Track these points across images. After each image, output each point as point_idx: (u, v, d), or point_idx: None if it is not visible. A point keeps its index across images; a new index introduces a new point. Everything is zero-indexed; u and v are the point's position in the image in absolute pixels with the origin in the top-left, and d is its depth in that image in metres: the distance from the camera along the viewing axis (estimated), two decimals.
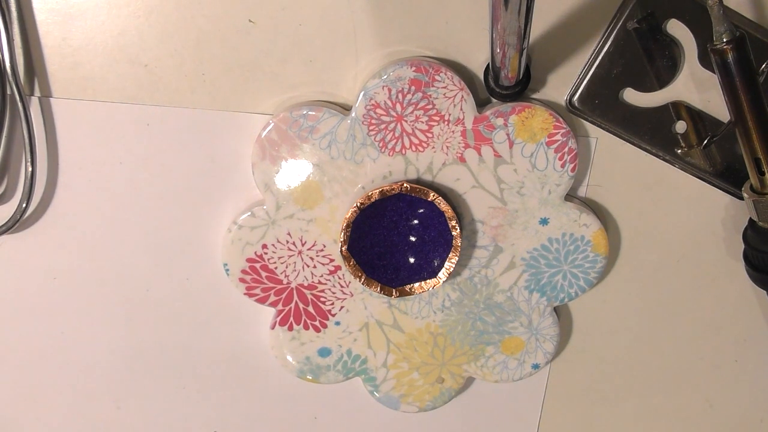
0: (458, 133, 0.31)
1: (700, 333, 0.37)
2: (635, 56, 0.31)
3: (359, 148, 0.31)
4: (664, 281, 0.36)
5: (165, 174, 0.33)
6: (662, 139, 0.33)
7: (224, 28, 0.30)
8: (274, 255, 0.33)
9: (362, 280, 0.33)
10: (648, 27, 0.31)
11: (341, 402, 0.38)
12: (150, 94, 0.31)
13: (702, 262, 0.36)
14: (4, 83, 0.30)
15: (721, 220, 0.35)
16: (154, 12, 0.30)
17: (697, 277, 0.36)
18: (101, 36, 0.30)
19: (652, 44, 0.31)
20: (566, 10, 0.31)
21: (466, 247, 0.33)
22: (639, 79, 0.32)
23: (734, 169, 0.33)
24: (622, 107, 0.32)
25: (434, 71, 0.30)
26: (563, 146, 0.31)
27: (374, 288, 0.33)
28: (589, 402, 0.39)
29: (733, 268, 0.36)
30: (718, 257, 0.36)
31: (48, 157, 0.32)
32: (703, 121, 0.32)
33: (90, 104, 0.31)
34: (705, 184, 0.34)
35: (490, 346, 0.36)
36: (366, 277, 0.33)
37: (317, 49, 0.31)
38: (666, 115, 0.32)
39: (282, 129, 0.31)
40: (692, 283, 0.36)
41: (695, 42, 0.31)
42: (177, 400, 0.38)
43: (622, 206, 0.34)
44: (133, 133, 0.32)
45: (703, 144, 0.32)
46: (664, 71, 0.32)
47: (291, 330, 0.35)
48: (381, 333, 0.35)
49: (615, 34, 0.31)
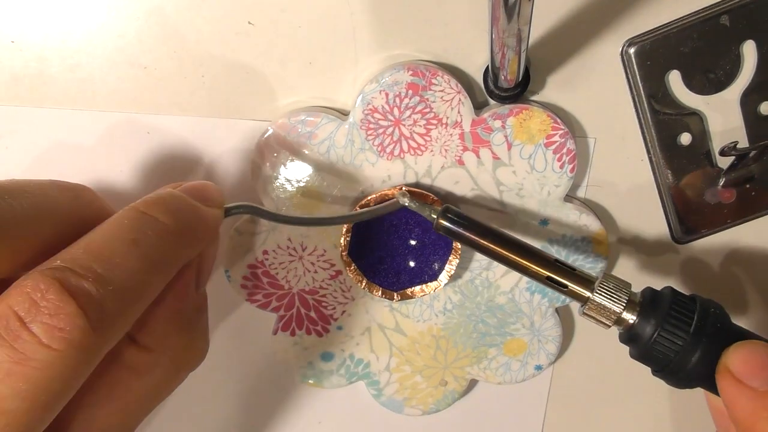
0: (456, 136, 0.31)
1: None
2: (710, 49, 0.31)
3: (358, 153, 0.31)
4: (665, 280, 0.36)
5: (166, 182, 0.33)
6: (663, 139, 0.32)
7: (223, 30, 0.30)
8: (275, 261, 0.33)
9: (363, 285, 0.33)
10: (736, 32, 0.31)
11: (345, 406, 0.38)
12: (149, 96, 0.31)
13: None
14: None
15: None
16: (154, 14, 0.30)
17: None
18: (100, 38, 0.30)
19: (725, 48, 0.31)
20: (566, 11, 0.31)
21: (466, 250, 0.33)
22: (693, 71, 0.31)
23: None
24: (660, 83, 0.31)
25: (431, 75, 0.30)
26: (561, 147, 0.31)
27: (376, 292, 0.33)
28: (593, 402, 0.39)
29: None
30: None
31: (49, 167, 0.32)
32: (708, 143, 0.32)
33: (90, 114, 0.32)
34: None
35: (492, 348, 0.36)
36: (367, 282, 0.33)
37: (316, 51, 0.31)
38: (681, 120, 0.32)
39: (280, 135, 0.31)
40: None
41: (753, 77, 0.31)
42: (180, 406, 0.38)
43: (622, 206, 0.34)
44: (134, 142, 0.32)
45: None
46: (712, 82, 0.31)
47: (293, 335, 0.35)
48: (383, 337, 0.35)
49: (708, 21, 0.30)
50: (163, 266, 0.24)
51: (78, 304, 0.21)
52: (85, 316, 0.20)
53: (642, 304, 0.27)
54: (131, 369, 0.25)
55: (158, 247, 0.24)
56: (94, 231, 0.23)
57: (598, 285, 0.27)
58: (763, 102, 0.32)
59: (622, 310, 0.27)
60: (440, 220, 0.28)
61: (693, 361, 0.26)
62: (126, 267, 0.22)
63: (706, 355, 0.26)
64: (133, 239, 0.23)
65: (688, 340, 0.26)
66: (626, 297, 0.27)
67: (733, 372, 0.25)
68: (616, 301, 0.27)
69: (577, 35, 0.31)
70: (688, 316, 0.26)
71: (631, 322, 0.27)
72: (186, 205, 0.26)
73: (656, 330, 0.26)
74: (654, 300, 0.27)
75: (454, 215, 0.29)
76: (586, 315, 0.28)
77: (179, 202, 0.25)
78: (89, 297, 0.21)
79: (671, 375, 0.27)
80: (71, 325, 0.20)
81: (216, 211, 0.27)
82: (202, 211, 0.26)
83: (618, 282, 0.28)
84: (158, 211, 0.24)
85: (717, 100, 0.32)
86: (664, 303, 0.27)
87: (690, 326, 0.26)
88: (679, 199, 0.33)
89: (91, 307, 0.21)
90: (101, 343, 0.21)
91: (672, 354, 0.26)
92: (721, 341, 0.26)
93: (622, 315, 0.27)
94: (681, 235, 0.34)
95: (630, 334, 0.27)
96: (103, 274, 0.22)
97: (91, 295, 0.21)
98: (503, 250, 0.28)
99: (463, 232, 0.28)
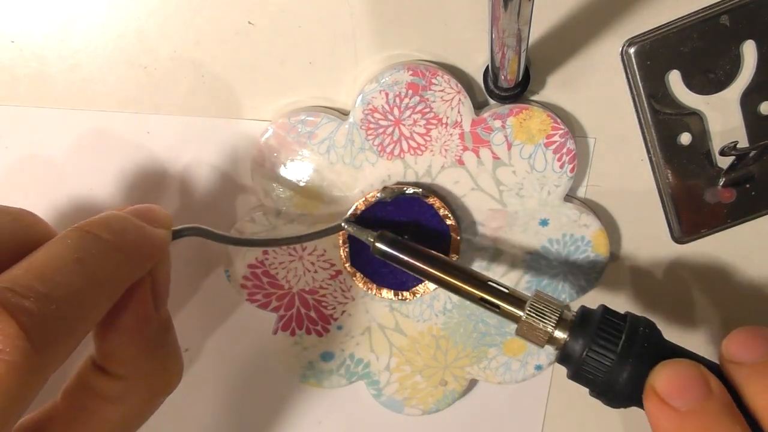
0: (456, 136, 0.31)
1: (702, 332, 0.37)
2: (710, 49, 0.31)
3: (358, 153, 0.31)
4: (665, 280, 0.36)
5: (166, 182, 0.33)
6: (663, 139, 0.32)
7: (223, 30, 0.30)
8: (275, 260, 0.33)
9: (374, 292, 0.33)
10: (736, 32, 0.30)
11: (345, 406, 0.38)
12: (149, 95, 0.31)
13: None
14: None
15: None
16: (153, 14, 0.30)
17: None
18: (100, 38, 0.30)
19: (725, 48, 0.31)
20: (566, 11, 0.31)
21: (466, 250, 0.33)
22: (693, 71, 0.31)
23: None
24: (660, 83, 0.31)
25: (431, 75, 0.30)
26: (561, 147, 0.31)
27: (386, 294, 0.33)
28: (593, 402, 0.39)
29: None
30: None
31: (48, 167, 0.32)
32: (708, 143, 0.32)
33: (90, 114, 0.32)
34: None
35: (492, 348, 0.36)
36: (377, 287, 0.33)
37: (316, 50, 0.31)
38: (681, 120, 0.32)
39: (281, 135, 0.31)
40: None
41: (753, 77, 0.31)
42: (180, 406, 0.38)
43: (622, 206, 0.34)
44: (134, 142, 0.32)
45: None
46: (712, 82, 0.31)
47: (293, 335, 0.35)
48: (383, 336, 0.35)
49: (708, 21, 0.30)
50: (107, 284, 0.23)
51: (18, 324, 0.20)
52: (26, 337, 0.20)
53: (574, 323, 0.27)
54: (105, 399, 0.25)
55: (102, 265, 0.23)
56: (37, 251, 0.23)
57: (529, 305, 0.27)
58: (763, 102, 0.32)
59: (554, 330, 0.27)
60: (376, 244, 0.30)
61: (621, 381, 0.26)
62: (69, 285, 0.22)
63: (634, 374, 0.25)
64: (77, 258, 0.22)
65: (615, 359, 0.26)
66: (557, 316, 0.27)
67: (658, 391, 0.24)
68: (547, 320, 0.27)
69: (577, 35, 0.31)
70: (615, 335, 0.26)
71: (564, 342, 0.27)
72: (130, 224, 0.25)
73: (584, 349, 0.26)
74: (584, 319, 0.27)
75: (389, 240, 0.30)
76: (519, 335, 0.28)
77: (123, 222, 0.25)
78: (30, 316, 0.20)
79: (603, 395, 0.26)
80: (11, 346, 0.20)
81: (162, 231, 0.26)
82: (147, 230, 0.26)
83: (549, 302, 0.27)
84: (102, 230, 0.24)
85: (717, 100, 0.32)
86: (593, 321, 0.26)
87: (617, 345, 0.26)
88: (679, 199, 0.33)
89: (32, 327, 0.20)
90: (45, 363, 0.21)
91: (600, 374, 0.26)
92: (650, 360, 0.25)
93: (554, 334, 0.27)
94: (681, 234, 0.34)
95: (563, 354, 0.27)
96: (45, 292, 0.21)
97: (32, 313, 0.20)
98: (436, 272, 0.29)
99: (398, 254, 0.29)
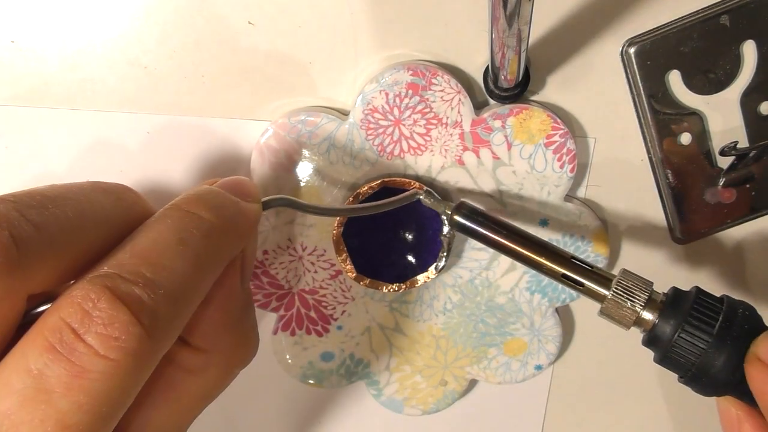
0: (456, 136, 0.31)
1: None
2: (710, 49, 0.31)
3: (358, 153, 0.31)
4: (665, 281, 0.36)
5: (165, 182, 0.33)
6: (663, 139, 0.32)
7: (223, 30, 0.30)
8: (275, 261, 0.33)
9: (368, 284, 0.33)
10: (736, 32, 0.30)
11: (345, 406, 0.38)
12: (149, 96, 0.31)
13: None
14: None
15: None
16: (154, 14, 0.30)
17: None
18: (100, 38, 0.30)
19: (725, 48, 0.31)
20: (566, 11, 0.31)
21: (466, 250, 0.33)
22: (693, 71, 0.31)
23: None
24: (660, 83, 0.31)
25: (431, 75, 0.30)
26: (561, 147, 0.31)
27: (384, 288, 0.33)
28: (593, 402, 0.39)
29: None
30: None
31: (48, 167, 0.32)
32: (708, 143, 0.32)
33: (90, 114, 0.32)
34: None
35: (492, 348, 0.36)
36: (371, 281, 0.33)
37: (316, 51, 0.31)
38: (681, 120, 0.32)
39: (280, 135, 0.31)
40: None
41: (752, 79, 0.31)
42: None
43: (622, 206, 0.34)
44: (134, 142, 0.32)
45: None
46: (712, 82, 0.31)
47: (293, 335, 0.35)
48: (383, 336, 0.35)
49: (708, 21, 0.30)
50: (210, 265, 0.23)
51: (131, 311, 0.20)
52: (139, 323, 0.20)
53: (664, 304, 0.25)
54: (186, 370, 0.25)
55: (205, 246, 0.23)
56: (139, 233, 0.23)
57: (615, 283, 0.26)
58: (763, 102, 0.32)
59: (642, 310, 0.25)
60: (454, 216, 0.28)
61: (718, 365, 0.24)
62: (175, 269, 0.22)
63: (732, 358, 0.24)
64: (180, 239, 0.22)
65: (712, 342, 0.24)
66: (646, 296, 0.25)
67: (762, 358, 0.23)
68: (635, 300, 0.25)
69: (577, 35, 0.31)
70: (711, 316, 0.24)
71: (652, 324, 0.25)
72: (227, 200, 0.25)
73: (676, 331, 0.24)
74: (676, 299, 0.25)
75: (468, 210, 0.28)
76: (604, 315, 0.26)
77: (220, 198, 0.25)
78: (141, 303, 0.20)
79: (694, 380, 0.25)
80: (126, 333, 0.20)
81: (255, 206, 0.26)
82: (242, 206, 0.25)
83: (637, 280, 0.26)
84: (201, 208, 0.24)
85: (717, 100, 0.32)
86: (687, 302, 0.25)
87: (714, 327, 0.24)
88: (679, 199, 0.33)
89: (144, 314, 0.20)
90: (157, 348, 0.21)
91: (693, 357, 0.24)
92: (750, 343, 0.24)
93: (642, 315, 0.25)
94: (681, 235, 0.34)
95: (651, 336, 0.25)
96: (152, 278, 0.21)
97: (142, 301, 0.20)
98: (517, 247, 0.27)
99: (476, 228, 0.28)
